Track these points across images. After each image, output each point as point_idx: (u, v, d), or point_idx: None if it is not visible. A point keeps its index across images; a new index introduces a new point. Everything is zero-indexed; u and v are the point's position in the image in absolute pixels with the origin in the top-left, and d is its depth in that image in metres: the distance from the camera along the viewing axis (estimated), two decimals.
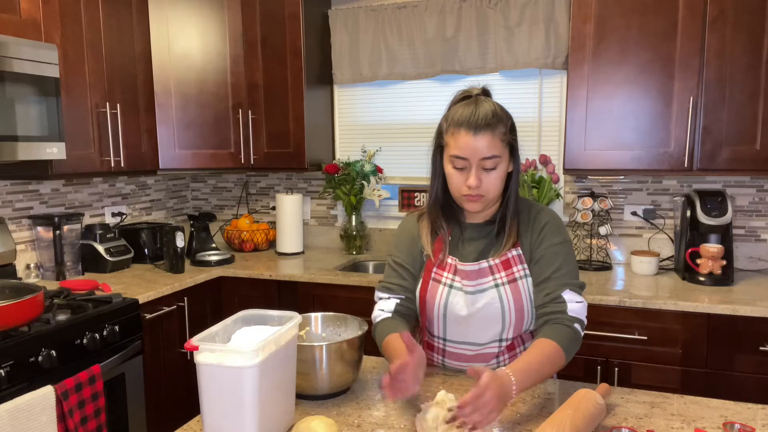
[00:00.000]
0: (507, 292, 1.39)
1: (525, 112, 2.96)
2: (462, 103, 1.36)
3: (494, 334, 1.42)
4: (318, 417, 1.12)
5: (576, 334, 1.32)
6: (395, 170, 3.25)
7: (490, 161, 1.31)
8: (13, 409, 1.61)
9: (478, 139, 1.30)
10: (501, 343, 1.43)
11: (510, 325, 1.40)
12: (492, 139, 1.30)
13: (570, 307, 1.33)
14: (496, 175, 1.34)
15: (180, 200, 3.60)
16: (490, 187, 1.34)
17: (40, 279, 2.59)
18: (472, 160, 1.32)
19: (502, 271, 1.40)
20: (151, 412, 2.40)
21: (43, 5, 2.20)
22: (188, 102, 2.92)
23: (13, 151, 2.05)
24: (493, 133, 1.31)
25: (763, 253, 2.65)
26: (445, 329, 1.46)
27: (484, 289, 1.40)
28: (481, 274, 1.41)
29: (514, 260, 1.41)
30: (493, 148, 1.31)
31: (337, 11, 3.14)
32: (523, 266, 1.41)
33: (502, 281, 1.40)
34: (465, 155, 1.32)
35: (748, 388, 2.11)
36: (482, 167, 1.32)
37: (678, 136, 2.40)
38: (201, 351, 1.05)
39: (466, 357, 1.46)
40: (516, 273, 1.40)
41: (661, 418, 1.22)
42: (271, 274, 2.76)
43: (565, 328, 1.31)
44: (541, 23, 2.77)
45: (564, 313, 1.33)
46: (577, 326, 1.33)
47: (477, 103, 1.33)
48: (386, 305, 1.47)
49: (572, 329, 1.32)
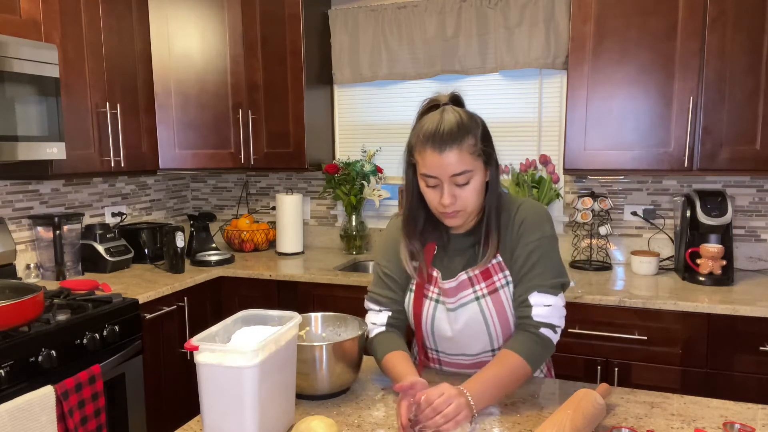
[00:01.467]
0: (488, 304, 1.35)
1: (525, 112, 2.96)
2: (428, 116, 1.30)
3: (483, 346, 1.41)
4: (318, 417, 1.12)
5: (541, 339, 1.28)
6: (395, 170, 3.25)
7: (461, 177, 1.26)
8: (13, 409, 1.61)
9: (445, 156, 1.24)
10: (493, 352, 1.42)
11: (497, 335, 1.38)
12: (459, 154, 1.24)
13: (535, 311, 1.29)
14: (470, 189, 1.28)
15: (180, 200, 3.60)
16: (466, 201, 1.29)
17: (40, 279, 2.59)
18: (443, 178, 1.26)
19: (482, 282, 1.36)
20: (151, 412, 2.40)
21: (43, 5, 2.20)
22: (188, 102, 2.92)
23: (13, 151, 2.05)
24: (460, 147, 1.24)
25: (763, 253, 2.65)
26: (436, 343, 1.45)
27: (464, 303, 1.36)
28: (461, 287, 1.37)
29: (494, 269, 1.36)
30: (462, 163, 1.25)
31: (337, 11, 3.14)
32: (504, 274, 1.36)
33: (483, 293, 1.36)
34: (434, 174, 1.27)
35: (748, 388, 2.11)
36: (454, 183, 1.27)
37: (678, 136, 2.40)
38: (201, 351, 1.05)
39: (462, 365, 1.46)
40: (497, 282, 1.36)
41: (661, 418, 1.22)
42: (271, 274, 2.76)
43: (527, 335, 1.29)
44: (541, 23, 2.77)
45: (528, 318, 1.30)
46: (544, 331, 1.28)
47: (441, 116, 1.27)
48: (378, 318, 1.45)
49: (536, 335, 1.28)
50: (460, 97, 1.36)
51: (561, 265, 1.36)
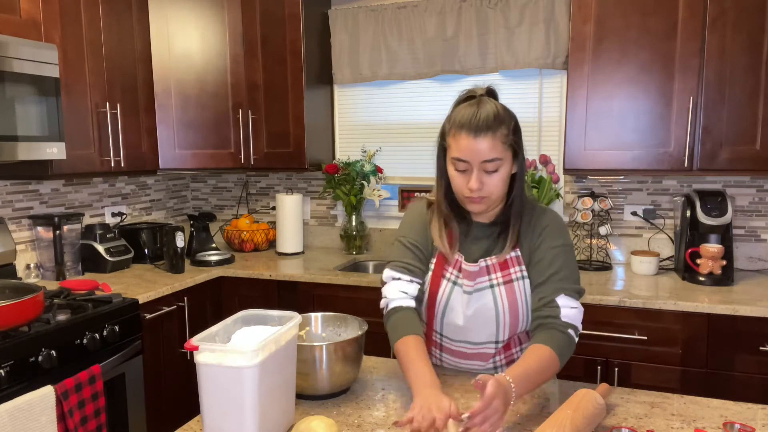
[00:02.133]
0: (502, 293, 1.39)
1: (525, 112, 2.96)
2: (465, 104, 1.35)
3: (489, 335, 1.42)
4: (318, 417, 1.12)
5: (570, 340, 1.30)
6: (395, 170, 3.25)
7: (491, 164, 1.30)
8: (13, 409, 1.61)
9: (479, 141, 1.29)
10: (497, 344, 1.43)
11: (504, 326, 1.40)
12: (493, 142, 1.29)
13: (563, 312, 1.31)
14: (498, 177, 1.32)
15: (180, 200, 3.60)
16: (493, 189, 1.33)
17: (40, 279, 2.59)
18: (473, 163, 1.30)
19: (499, 272, 1.40)
20: (151, 412, 2.40)
21: (43, 5, 2.20)
22: (188, 102, 2.92)
23: (13, 151, 2.05)
24: (494, 135, 1.29)
25: (763, 253, 2.65)
26: (443, 326, 1.46)
27: (480, 288, 1.40)
28: (479, 273, 1.40)
29: (512, 261, 1.40)
30: (494, 150, 1.29)
31: (337, 11, 3.14)
32: (520, 267, 1.40)
33: (498, 282, 1.39)
34: (466, 158, 1.31)
35: (748, 388, 2.11)
36: (484, 170, 1.31)
37: (678, 136, 2.40)
38: (201, 351, 1.05)
39: (463, 354, 1.47)
40: (513, 274, 1.39)
41: (661, 418, 1.22)
42: (271, 274, 2.76)
43: (559, 333, 1.30)
44: (541, 23, 2.77)
45: (557, 318, 1.31)
46: (571, 332, 1.31)
47: (479, 105, 1.32)
48: (409, 288, 1.42)
49: (566, 335, 1.30)
50: (495, 91, 1.43)
51: (578, 274, 1.40)
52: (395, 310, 1.40)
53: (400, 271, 1.44)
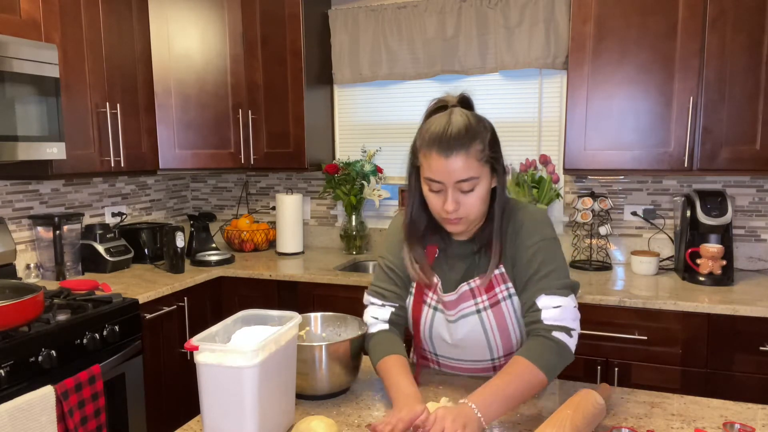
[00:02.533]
0: (489, 317, 1.32)
1: (525, 112, 2.96)
2: (435, 117, 1.25)
3: (483, 355, 1.39)
4: (318, 417, 1.12)
5: (554, 343, 1.21)
6: (395, 170, 3.25)
7: (466, 183, 1.20)
8: (13, 409, 1.61)
9: (451, 161, 1.18)
10: (493, 362, 1.40)
11: (497, 347, 1.36)
12: (466, 160, 1.18)
13: (544, 314, 1.23)
14: (475, 197, 1.23)
15: (180, 200, 3.60)
16: (470, 208, 1.24)
17: (40, 279, 2.59)
18: (447, 184, 1.21)
19: (484, 294, 1.32)
20: (151, 412, 2.40)
21: (43, 5, 2.20)
22: (188, 102, 2.92)
23: (13, 151, 2.05)
24: (468, 152, 1.18)
25: (763, 253, 2.65)
26: (435, 348, 1.44)
27: (465, 315, 1.33)
28: (462, 299, 1.33)
29: (497, 280, 1.32)
30: (468, 169, 1.19)
31: (337, 11, 3.14)
32: (506, 285, 1.32)
33: (484, 306, 1.32)
34: (439, 179, 1.21)
35: (748, 388, 2.11)
36: (459, 189, 1.21)
37: (678, 136, 2.40)
38: (201, 351, 1.05)
39: (460, 369, 1.44)
40: (499, 294, 1.32)
41: (661, 418, 1.22)
42: (271, 274, 2.76)
43: (539, 340, 1.22)
44: (541, 23, 2.77)
45: (538, 322, 1.23)
46: (558, 334, 1.21)
47: (449, 118, 1.21)
48: (380, 313, 1.40)
49: (549, 339, 1.21)
50: (470, 98, 1.31)
51: (567, 267, 1.30)
52: (371, 336, 1.38)
53: (373, 296, 1.43)
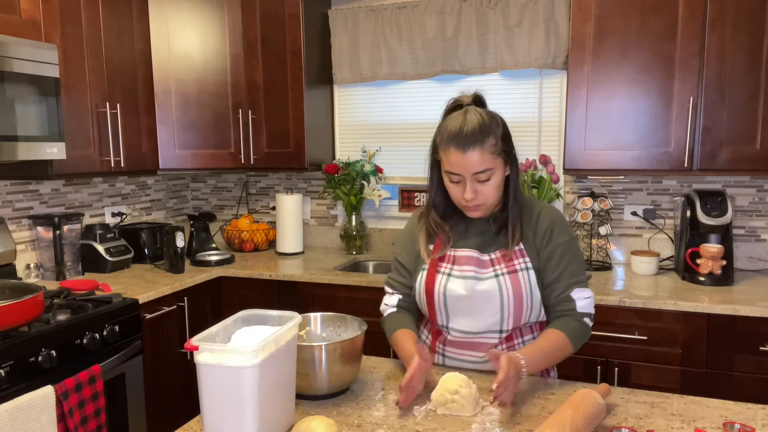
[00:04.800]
0: (506, 281, 1.42)
1: (525, 112, 2.96)
2: (452, 116, 1.39)
3: (493, 323, 1.44)
4: (318, 417, 1.12)
5: (585, 327, 1.42)
6: (395, 170, 3.25)
7: (482, 174, 1.36)
8: (13, 409, 1.61)
9: (468, 155, 1.34)
10: (501, 333, 1.45)
11: (509, 314, 1.43)
12: (482, 154, 1.34)
13: (579, 304, 1.42)
14: (491, 185, 1.39)
15: (180, 200, 3.60)
16: (488, 196, 1.40)
17: (40, 279, 2.59)
18: (465, 175, 1.37)
19: (503, 263, 1.44)
20: (151, 412, 2.40)
21: (43, 5, 2.20)
22: (188, 102, 2.92)
23: (13, 151, 2.05)
24: (482, 147, 1.34)
25: (763, 253, 2.65)
26: (447, 316, 1.48)
27: (483, 278, 1.44)
28: (481, 264, 1.46)
29: (515, 254, 1.45)
30: (483, 162, 1.35)
31: (337, 11, 3.14)
32: (524, 259, 1.44)
33: (502, 272, 1.44)
34: (457, 171, 1.37)
35: (748, 388, 2.11)
36: (476, 180, 1.37)
37: (678, 136, 2.40)
38: (201, 351, 1.05)
39: (466, 344, 1.48)
40: (517, 265, 1.44)
41: (661, 418, 1.22)
42: (271, 274, 2.76)
43: (574, 321, 1.41)
44: (541, 23, 2.77)
45: (573, 310, 1.42)
46: (587, 320, 1.43)
47: (465, 117, 1.36)
48: (390, 300, 1.59)
49: (581, 323, 1.42)
50: (482, 97, 1.45)
51: (584, 261, 1.51)
52: (384, 319, 1.59)
53: (387, 286, 1.63)
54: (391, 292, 1.60)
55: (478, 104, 1.43)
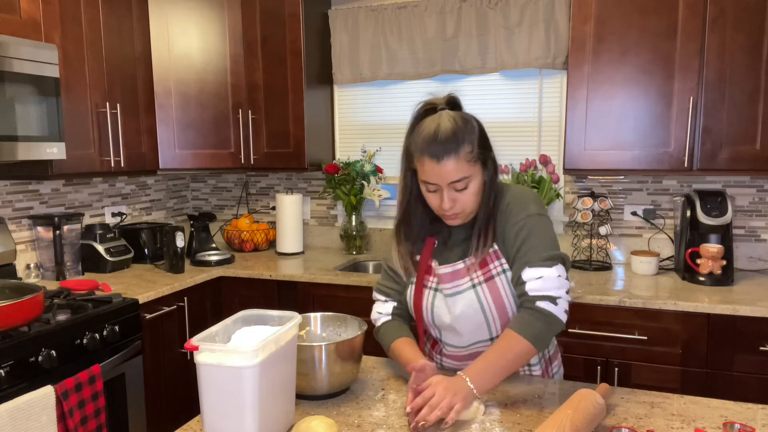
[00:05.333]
0: (484, 291, 1.38)
1: (525, 112, 2.96)
2: (425, 122, 1.32)
3: (481, 334, 1.42)
4: (318, 417, 1.12)
5: (539, 313, 1.27)
6: (395, 170, 3.23)
7: (459, 183, 1.31)
8: (13, 409, 1.61)
9: (443, 165, 1.28)
10: (492, 341, 1.43)
11: (494, 322, 1.40)
12: (457, 162, 1.28)
13: (528, 286, 1.30)
14: (469, 193, 1.33)
15: (180, 200, 3.60)
16: (466, 204, 1.35)
17: (40, 279, 2.59)
18: (442, 185, 1.31)
19: (478, 270, 1.38)
20: (151, 412, 2.40)
21: (43, 5, 2.20)
22: (188, 102, 2.92)
23: (13, 151, 2.05)
24: (457, 156, 1.28)
25: (763, 253, 2.65)
26: (440, 333, 1.48)
27: (460, 291, 1.39)
28: (456, 275, 1.40)
29: (490, 257, 1.38)
30: (459, 171, 1.29)
31: (337, 11, 3.14)
32: (500, 261, 1.38)
33: (479, 280, 1.38)
34: (434, 181, 1.32)
35: (748, 388, 2.11)
36: (453, 188, 1.32)
37: (678, 136, 2.40)
38: (201, 351, 1.05)
39: (461, 357, 1.48)
40: (493, 270, 1.38)
41: (661, 418, 1.22)
42: (271, 274, 2.76)
43: (524, 311, 1.29)
44: (541, 23, 2.77)
45: (524, 294, 1.31)
46: (542, 304, 1.27)
47: (438, 124, 1.29)
48: (384, 308, 1.53)
49: (533, 310, 1.28)
50: (457, 99, 1.38)
51: (553, 240, 1.35)
52: (379, 328, 1.52)
53: (378, 293, 1.57)
54: (384, 300, 1.54)
55: (453, 107, 1.36)
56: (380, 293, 1.56)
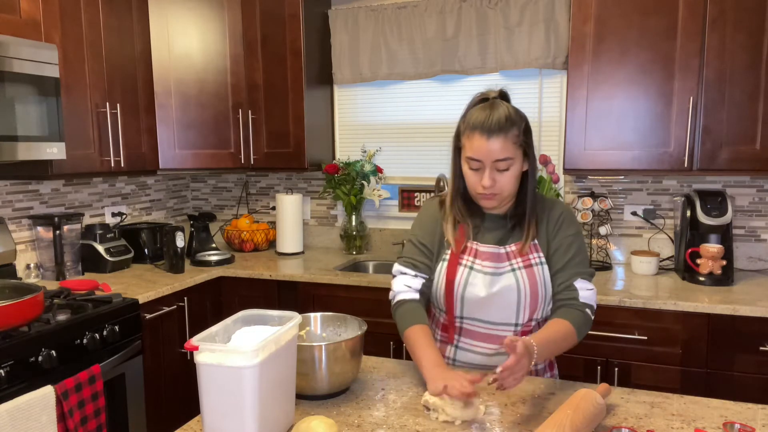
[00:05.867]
0: (523, 275, 1.45)
1: (525, 112, 2.94)
2: (479, 107, 1.43)
3: (509, 316, 1.47)
4: (318, 417, 1.12)
5: (587, 317, 1.43)
6: (395, 170, 3.25)
7: (503, 163, 1.39)
8: (13, 409, 1.61)
9: (492, 142, 1.37)
10: (516, 327, 1.48)
11: (525, 308, 1.46)
12: (505, 142, 1.38)
13: (581, 294, 1.44)
14: (509, 175, 1.41)
15: (180, 200, 3.60)
16: (504, 186, 1.42)
17: (40, 279, 2.59)
18: (486, 162, 1.39)
19: (519, 257, 1.47)
20: (151, 412, 2.40)
21: (43, 5, 2.20)
22: (188, 102, 2.92)
23: (13, 151, 2.05)
24: (506, 136, 1.38)
25: (763, 253, 2.65)
26: (463, 308, 1.50)
27: (501, 273, 1.46)
28: (499, 258, 1.48)
29: (530, 249, 1.48)
30: (505, 150, 1.38)
31: (337, 11, 3.14)
32: (538, 254, 1.48)
33: (519, 266, 1.46)
34: (479, 157, 1.39)
35: (748, 388, 2.11)
36: (496, 168, 1.40)
37: (678, 136, 2.40)
38: (201, 351, 1.05)
39: (481, 335, 1.50)
40: (532, 260, 1.47)
41: (661, 418, 1.22)
42: (271, 274, 2.76)
43: (577, 311, 1.42)
44: (541, 23, 2.77)
45: (575, 299, 1.43)
46: (588, 311, 1.44)
47: (492, 107, 1.40)
48: (413, 282, 1.52)
49: (584, 313, 1.43)
50: (508, 93, 1.51)
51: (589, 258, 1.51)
52: (401, 303, 1.51)
53: (407, 266, 1.55)
54: (413, 274, 1.53)
55: (504, 99, 1.48)
56: (410, 266, 1.55)
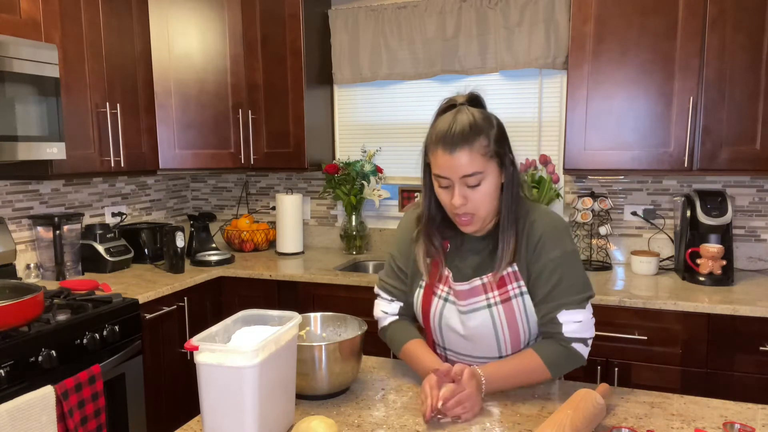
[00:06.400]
0: (499, 312, 1.34)
1: (525, 112, 2.96)
2: (443, 116, 1.30)
3: (490, 350, 1.39)
4: (318, 417, 1.12)
5: (570, 352, 1.30)
6: (395, 170, 3.25)
7: (471, 178, 1.25)
8: (13, 409, 1.61)
9: (455, 157, 1.23)
10: (501, 358, 1.40)
11: (505, 343, 1.37)
12: (470, 155, 1.23)
13: (566, 328, 1.30)
14: (482, 192, 1.27)
15: (180, 200, 3.60)
16: (478, 204, 1.28)
17: (40, 279, 2.59)
18: (453, 179, 1.26)
19: (496, 290, 1.34)
20: (151, 412, 2.40)
21: (43, 5, 2.20)
22: (188, 102, 2.92)
23: (13, 151, 2.05)
24: (471, 148, 1.23)
25: (763, 253, 2.65)
26: (443, 339, 1.44)
27: (476, 309, 1.36)
28: (473, 293, 1.36)
29: (509, 278, 1.34)
30: (472, 164, 1.24)
31: (337, 11, 3.14)
32: (518, 284, 1.34)
33: (495, 301, 1.34)
34: (445, 174, 1.27)
35: (748, 388, 2.11)
36: (465, 184, 1.26)
37: (678, 136, 2.40)
38: (201, 351, 1.05)
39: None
40: (510, 291, 1.34)
41: (661, 418, 1.22)
42: (271, 274, 2.76)
43: (557, 345, 1.31)
44: (541, 23, 2.77)
45: (559, 334, 1.31)
46: (576, 346, 1.30)
47: (454, 116, 1.26)
48: (390, 308, 1.50)
49: (566, 348, 1.31)
50: (479, 96, 1.34)
51: (585, 277, 1.34)
52: (386, 328, 1.50)
53: (382, 290, 1.53)
54: (389, 299, 1.50)
55: (475, 104, 1.32)
56: (385, 291, 1.51)
